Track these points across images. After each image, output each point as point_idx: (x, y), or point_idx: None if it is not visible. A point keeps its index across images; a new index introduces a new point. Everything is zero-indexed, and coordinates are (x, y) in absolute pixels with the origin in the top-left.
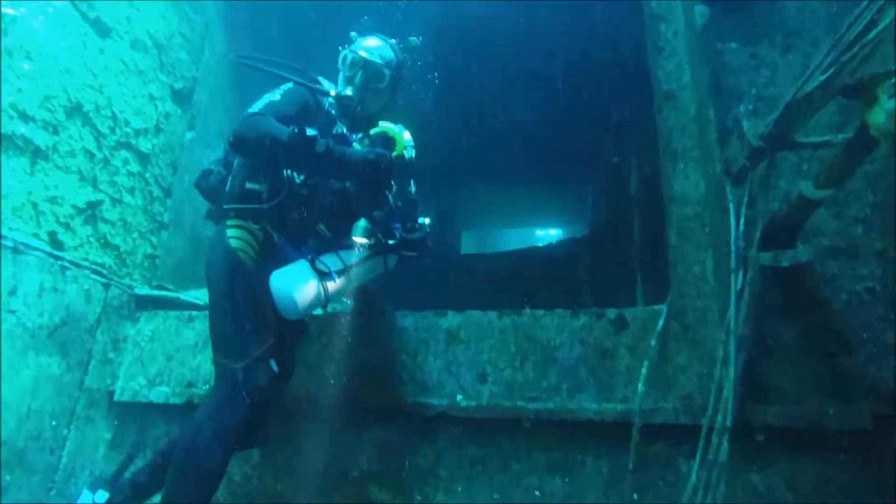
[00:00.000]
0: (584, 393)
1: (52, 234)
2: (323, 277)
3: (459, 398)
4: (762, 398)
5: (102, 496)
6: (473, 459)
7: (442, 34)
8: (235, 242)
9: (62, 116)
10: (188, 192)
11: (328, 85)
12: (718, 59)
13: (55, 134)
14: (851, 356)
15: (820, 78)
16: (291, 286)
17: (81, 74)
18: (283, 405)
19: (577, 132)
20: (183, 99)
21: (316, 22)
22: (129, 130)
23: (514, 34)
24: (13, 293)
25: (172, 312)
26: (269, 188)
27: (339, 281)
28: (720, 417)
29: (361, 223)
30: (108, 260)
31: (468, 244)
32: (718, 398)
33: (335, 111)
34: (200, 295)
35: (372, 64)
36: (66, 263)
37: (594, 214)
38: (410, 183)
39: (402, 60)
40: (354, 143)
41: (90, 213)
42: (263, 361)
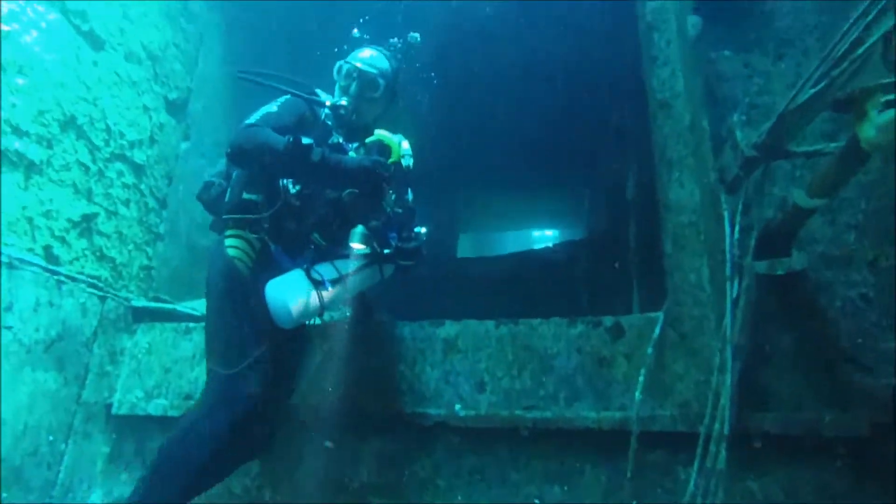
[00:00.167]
0: (581, 401)
1: (47, 248)
2: (318, 286)
3: (458, 407)
4: (759, 405)
5: None
6: (472, 469)
7: (442, 38)
8: (232, 251)
9: (56, 130)
10: (183, 202)
11: (325, 96)
12: (712, 67)
13: (49, 148)
14: (848, 363)
15: (810, 91)
16: (286, 295)
17: (75, 88)
18: (286, 417)
19: (574, 136)
20: (177, 109)
21: (312, 31)
22: (123, 142)
23: (513, 38)
24: (9, 309)
25: (169, 324)
26: (265, 198)
27: (334, 290)
28: (718, 425)
29: (359, 229)
30: (104, 272)
31: (465, 247)
32: (716, 406)
33: (331, 122)
34: (197, 306)
35: (366, 74)
36: (61, 277)
37: (591, 218)
38: (408, 191)
39: (397, 69)
40: (350, 152)
41: (85, 226)
42: (255, 369)
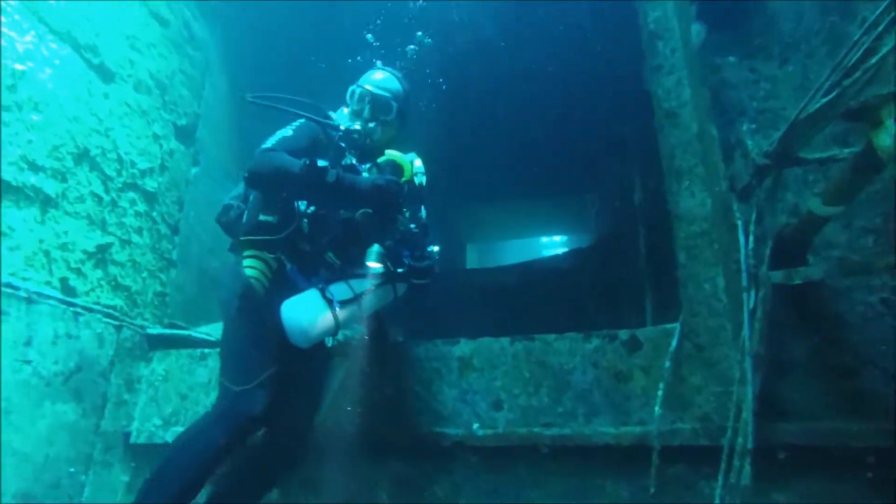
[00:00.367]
0: (600, 417)
1: (63, 280)
2: (333, 305)
3: (476, 427)
4: (780, 416)
5: None
6: (492, 488)
7: (449, 42)
8: (250, 271)
9: (70, 163)
10: (194, 227)
11: (338, 119)
12: (717, 74)
13: (64, 181)
14: (870, 370)
15: (822, 101)
16: (302, 315)
17: (88, 121)
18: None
19: (580, 143)
20: (186, 135)
21: (314, 54)
22: (135, 171)
23: (516, 46)
24: (28, 344)
25: (185, 351)
26: (280, 219)
27: (349, 309)
28: (741, 439)
29: (375, 248)
30: (119, 301)
31: (472, 257)
32: (737, 419)
33: (345, 143)
34: (211, 331)
35: (379, 98)
36: (78, 309)
37: (598, 225)
38: (421, 209)
39: (408, 90)
40: (364, 172)
41: (100, 256)
42: (264, 388)
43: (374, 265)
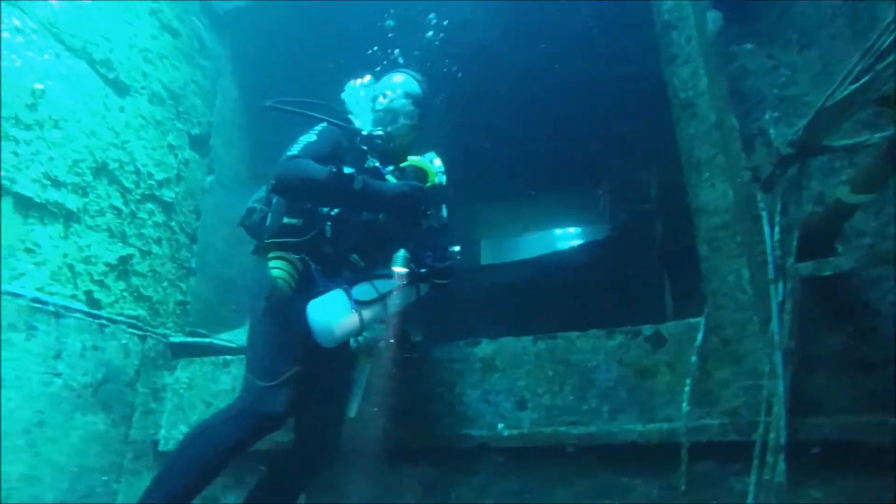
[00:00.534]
0: (625, 414)
1: (88, 293)
2: (358, 306)
3: (500, 427)
4: (810, 412)
5: None
6: (519, 488)
7: (459, 36)
8: (276, 272)
9: (90, 178)
10: (211, 235)
11: (359, 123)
12: (735, 62)
13: (84, 196)
14: None
15: (850, 87)
16: (328, 315)
17: (105, 135)
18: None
19: (594, 136)
20: (200, 144)
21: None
22: (152, 182)
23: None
24: (58, 357)
25: (208, 359)
26: (304, 222)
27: (373, 309)
28: (773, 435)
29: (401, 254)
30: (142, 312)
31: (486, 253)
32: (768, 414)
33: (366, 146)
34: (232, 338)
35: (403, 104)
36: (103, 321)
37: (612, 218)
38: (442, 208)
39: (428, 93)
40: (388, 175)
41: (122, 268)
42: (288, 386)
43: (399, 270)
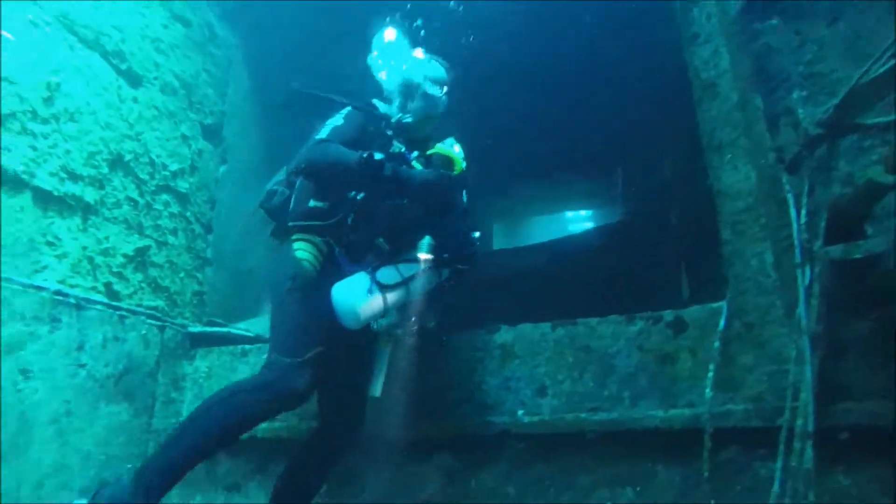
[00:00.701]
0: (647, 400)
1: (107, 285)
2: (383, 289)
3: (521, 413)
4: (838, 397)
5: None
6: (541, 475)
7: (476, 13)
8: (301, 254)
9: (106, 170)
10: (226, 225)
11: (383, 108)
12: (759, 40)
13: (101, 188)
14: None
15: (890, 63)
16: (353, 297)
17: (119, 126)
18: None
19: (607, 118)
20: (213, 134)
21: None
22: (167, 173)
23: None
24: (81, 348)
25: (226, 348)
26: (331, 206)
27: (397, 293)
28: (800, 421)
29: (426, 240)
30: (160, 302)
31: (499, 236)
32: (794, 399)
33: (391, 132)
34: (250, 326)
35: (431, 95)
36: (123, 312)
37: (626, 201)
38: (462, 193)
39: (453, 78)
40: (413, 162)
41: (140, 259)
42: (311, 366)
43: (424, 256)
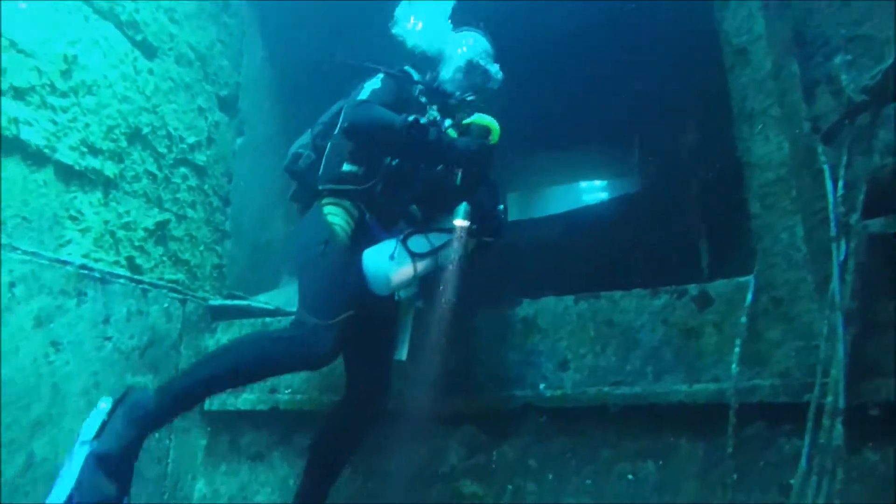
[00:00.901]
0: (671, 375)
1: (130, 259)
2: (414, 257)
3: (542, 387)
4: (869, 374)
5: None
6: (562, 448)
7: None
8: (333, 218)
9: (125, 144)
10: (244, 197)
11: (416, 74)
12: (797, 1)
13: (120, 162)
14: None
15: None
16: (384, 263)
17: (136, 99)
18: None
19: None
20: (229, 106)
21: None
22: (184, 146)
23: None
24: (107, 322)
25: (247, 321)
26: (365, 170)
27: (426, 261)
28: (830, 398)
29: (464, 206)
30: (181, 276)
31: (514, 207)
32: (824, 376)
33: (425, 98)
34: (269, 299)
35: (490, 71)
36: (145, 286)
37: (643, 173)
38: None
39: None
40: (449, 129)
41: (160, 233)
42: (338, 329)
43: (461, 223)
